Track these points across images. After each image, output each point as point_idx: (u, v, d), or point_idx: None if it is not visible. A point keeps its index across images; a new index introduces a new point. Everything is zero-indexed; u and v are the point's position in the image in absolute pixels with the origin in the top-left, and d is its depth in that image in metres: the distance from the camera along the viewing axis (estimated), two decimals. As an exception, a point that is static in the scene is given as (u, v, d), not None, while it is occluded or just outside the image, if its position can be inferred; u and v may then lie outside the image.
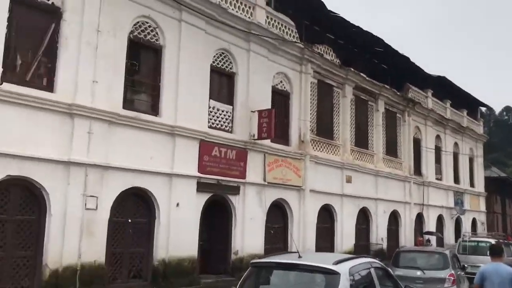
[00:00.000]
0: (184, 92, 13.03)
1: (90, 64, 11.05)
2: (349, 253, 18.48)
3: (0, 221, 9.70)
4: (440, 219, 26.73)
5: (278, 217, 16.50)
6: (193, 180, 13.18)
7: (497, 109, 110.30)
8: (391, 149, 23.00)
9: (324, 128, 18.80)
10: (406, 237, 22.91)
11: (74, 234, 10.57)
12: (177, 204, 12.64)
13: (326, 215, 18.52)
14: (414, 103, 24.20)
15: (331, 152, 18.86)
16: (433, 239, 24.81)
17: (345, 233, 18.82)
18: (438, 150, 27.14)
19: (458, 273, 10.99)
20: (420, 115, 25.17)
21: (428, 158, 25.69)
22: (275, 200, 16.10)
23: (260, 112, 15.05)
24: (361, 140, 20.94)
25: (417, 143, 25.07)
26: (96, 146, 11.00)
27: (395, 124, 23.56)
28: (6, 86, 9.63)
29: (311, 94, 17.94)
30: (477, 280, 6.96)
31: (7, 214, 9.81)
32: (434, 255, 11.10)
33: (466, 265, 16.65)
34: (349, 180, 19.30)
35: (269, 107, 15.49)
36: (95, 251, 10.92)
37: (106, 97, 11.26)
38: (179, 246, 12.59)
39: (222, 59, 14.60)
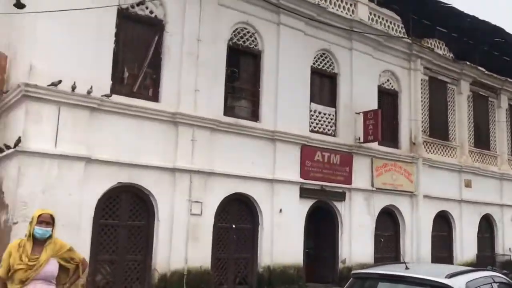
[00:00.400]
0: (284, 96, 12.80)
1: (191, 73, 11.30)
2: (471, 264, 16.80)
3: (113, 226, 10.22)
4: None
5: (388, 224, 15.52)
6: (296, 185, 12.85)
7: None
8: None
9: (438, 128, 17.35)
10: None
11: (181, 239, 10.80)
12: (280, 210, 12.40)
13: (443, 223, 17.03)
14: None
15: (446, 154, 17.35)
16: None
17: (465, 242, 17.15)
18: None
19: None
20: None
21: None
22: (385, 207, 15.15)
23: (365, 113, 14.30)
24: (481, 140, 19.00)
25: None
26: (199, 153, 11.19)
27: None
28: (116, 97, 10.16)
29: (421, 92, 16.69)
30: None
31: (119, 220, 10.31)
32: None
33: None
34: (468, 185, 17.58)
35: (375, 107, 14.66)
36: (201, 256, 11.07)
37: (207, 104, 11.42)
38: (283, 253, 12.33)
39: (323, 60, 14.14)
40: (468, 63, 17.90)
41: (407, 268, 5.25)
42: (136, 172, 10.35)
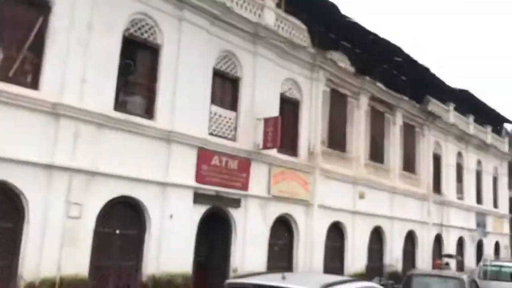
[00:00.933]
0: (183, 95, 12.18)
1: (79, 62, 10.27)
2: (360, 274, 17.29)
3: (-30, 228, 8.91)
4: (460, 242, 25.20)
5: (283, 233, 15.43)
6: (190, 190, 12.24)
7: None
8: (409, 165, 21.74)
9: (336, 140, 17.73)
10: (424, 259, 21.49)
11: (54, 244, 9.69)
12: (171, 216, 11.69)
13: (336, 233, 17.35)
14: (435, 117, 22.93)
15: (343, 165, 17.73)
16: (452, 262, 23.29)
17: (356, 253, 17.60)
18: (459, 168, 25.70)
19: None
20: (441, 130, 23.86)
21: (448, 176, 24.30)
22: (280, 215, 15.04)
23: (266, 120, 14.09)
24: (377, 154, 19.77)
25: (437, 160, 23.73)
26: (82, 150, 10.17)
27: (414, 139, 22.30)
28: (-15, 81, 8.91)
29: (322, 103, 16.93)
30: None
31: (-20, 221, 9.02)
32: (450, 280, 9.89)
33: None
34: (362, 196, 18.10)
35: (277, 115, 14.52)
36: (77, 263, 10.02)
37: (95, 97, 10.44)
38: (171, 261, 11.62)
39: (226, 62, 13.73)
40: (368, 78, 18.53)
41: (283, 278, 4.90)
42: (4, 167, 9.13)
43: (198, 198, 12.44)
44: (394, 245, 19.70)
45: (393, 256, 19.61)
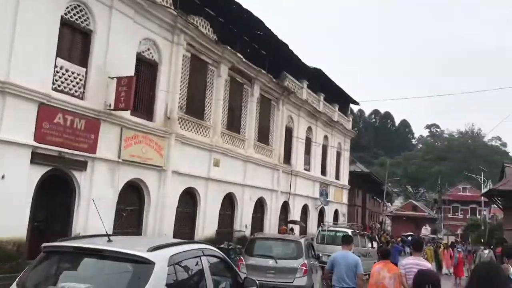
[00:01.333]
0: (23, 43, 10.88)
1: None
2: (210, 240, 17.63)
3: None
4: (305, 209, 27.20)
5: (133, 198, 14.98)
6: (27, 149, 11.12)
7: (367, 112, 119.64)
8: (263, 136, 22.63)
9: (195, 106, 17.63)
10: (271, 225, 22.75)
11: None
12: (2, 176, 10.53)
13: (189, 199, 17.42)
14: (290, 92, 24.10)
15: (200, 133, 17.75)
16: (296, 228, 25.11)
17: (207, 218, 17.89)
18: (308, 141, 27.54)
19: (312, 262, 10.57)
20: (294, 105, 25.20)
21: (298, 148, 25.89)
22: (131, 180, 14.55)
23: (119, 79, 13.33)
24: (233, 123, 20.18)
25: (289, 133, 25.08)
26: None
27: (269, 111, 23.23)
28: None
29: (182, 68, 16.62)
30: (328, 266, 7.79)
31: None
32: (288, 244, 10.55)
33: (321, 254, 16.86)
34: (216, 164, 18.38)
35: (132, 75, 13.80)
36: None
37: None
38: (2, 227, 10.51)
39: (77, 12, 12.59)
40: (229, 48, 18.61)
41: (109, 240, 4.62)
42: None
43: (37, 158, 11.37)
44: (244, 211, 20.47)
45: (243, 222, 20.39)
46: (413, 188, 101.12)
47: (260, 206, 22.45)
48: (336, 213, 31.94)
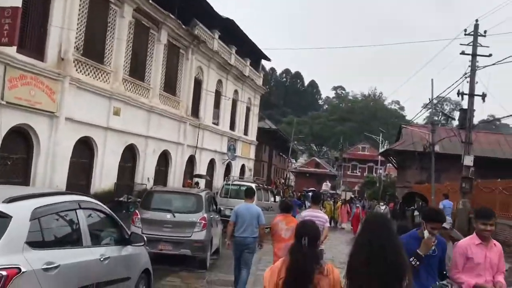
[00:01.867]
0: None
1: None
2: (109, 192, 16.72)
3: None
4: (212, 163, 26.87)
5: (19, 146, 13.51)
6: None
7: (278, 71, 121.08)
8: (170, 86, 21.59)
9: (94, 49, 16.12)
10: (175, 178, 22.14)
11: None
12: None
13: (85, 149, 16.17)
14: (200, 41, 23.06)
15: (99, 78, 16.35)
16: (202, 182, 24.77)
17: (105, 170, 16.80)
18: (218, 95, 26.91)
19: (212, 216, 10.21)
20: (205, 56, 24.28)
21: (207, 101, 25.19)
22: (17, 126, 13.03)
23: (1, 9, 11.54)
24: (137, 70, 18.89)
25: (198, 84, 24.23)
26: None
27: (177, 60, 22.12)
28: None
29: (80, 4, 14.98)
30: (232, 217, 8.12)
31: None
32: (188, 197, 10.06)
33: (224, 208, 16.71)
34: (117, 113, 17.17)
35: (19, 5, 12.08)
36: None
37: None
38: None
39: None
40: (134, -13, 17.11)
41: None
42: None
43: None
44: (147, 164, 19.59)
45: (145, 175, 19.54)
46: (317, 147, 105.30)
47: (164, 159, 21.67)
48: (242, 168, 32.05)
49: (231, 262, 10.48)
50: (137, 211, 9.17)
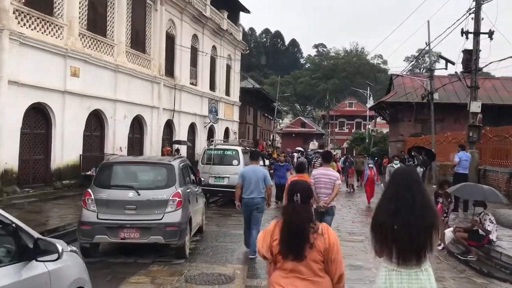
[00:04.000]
0: None
1: None
2: (74, 166, 14.52)
3: None
4: (192, 128, 24.59)
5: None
6: None
7: (258, 31, 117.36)
8: (138, 42, 19.01)
9: (39, -3, 13.47)
10: (152, 146, 19.88)
11: None
12: None
13: (40, 118, 13.79)
14: (169, -11, 20.36)
15: (49, 32, 13.76)
16: (183, 149, 22.57)
17: (67, 141, 14.45)
18: (194, 52, 24.35)
19: (189, 190, 8.03)
20: (176, 7, 21.58)
21: (182, 59, 22.66)
22: None
23: None
24: (97, 24, 16.26)
25: (170, 40, 21.64)
26: None
27: (144, 12, 19.44)
28: None
29: None
30: (239, 179, 8.11)
31: None
32: (156, 168, 7.80)
33: (209, 177, 14.57)
34: (75, 74, 14.67)
35: None
36: None
37: None
38: None
39: None
40: None
41: None
42: None
43: None
44: (118, 132, 17.24)
45: (117, 144, 17.24)
46: (301, 106, 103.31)
47: (138, 126, 19.34)
48: (226, 131, 29.83)
49: (216, 245, 8.55)
50: (89, 190, 6.95)
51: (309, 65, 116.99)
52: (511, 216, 9.77)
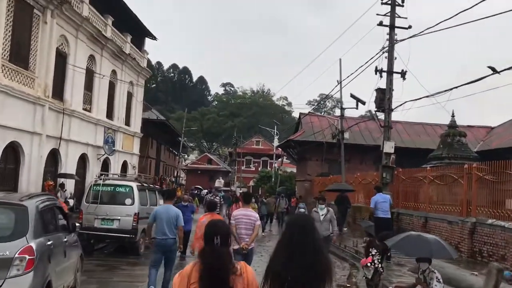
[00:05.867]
0: None
1: None
2: None
3: None
4: (83, 159, 21.58)
5: None
6: None
7: (166, 66, 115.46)
8: (19, 56, 16.11)
9: None
10: (30, 179, 16.68)
11: None
12: None
13: None
14: (63, 1, 17.79)
15: None
16: (70, 183, 19.53)
17: None
18: (91, 74, 21.67)
19: (50, 242, 5.71)
20: (70, 22, 18.99)
21: (75, 81, 19.88)
22: None
23: None
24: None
25: (62, 58, 18.90)
26: None
27: (31, 23, 16.64)
28: None
29: None
30: (151, 219, 8.21)
31: None
32: (1, 211, 5.44)
33: (95, 218, 12.04)
34: None
35: None
36: None
37: None
38: None
39: None
40: None
41: None
42: None
43: None
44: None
45: (-19, 176, 14.04)
46: (207, 143, 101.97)
47: (13, 154, 16.16)
48: (124, 165, 26.95)
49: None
50: None
51: (216, 102, 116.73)
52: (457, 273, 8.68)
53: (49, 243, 5.52)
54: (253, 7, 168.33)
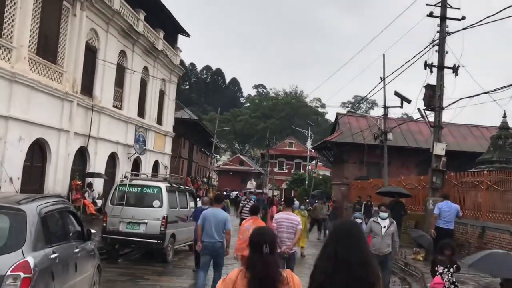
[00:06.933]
0: None
1: None
2: None
3: None
4: (113, 158, 20.88)
5: None
6: None
7: (199, 67, 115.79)
8: (47, 49, 15.47)
9: None
10: (57, 178, 16.00)
11: None
12: None
13: None
14: (93, -7, 17.11)
15: None
16: (99, 183, 18.83)
17: None
18: (122, 70, 20.97)
19: (55, 255, 4.70)
20: (101, 15, 18.30)
21: (105, 77, 19.19)
22: None
23: None
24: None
25: (91, 53, 18.24)
26: None
27: (59, 15, 15.99)
28: None
29: None
30: (200, 221, 8.20)
31: None
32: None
33: (119, 222, 11.11)
34: None
35: None
36: None
37: None
38: None
39: None
40: None
41: None
42: None
43: None
44: (8, 157, 13.34)
45: (6, 173, 13.33)
46: (239, 144, 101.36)
47: (39, 151, 15.51)
48: (156, 164, 26.20)
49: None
50: None
51: (248, 104, 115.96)
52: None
53: (53, 256, 4.52)
54: (287, 9, 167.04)
